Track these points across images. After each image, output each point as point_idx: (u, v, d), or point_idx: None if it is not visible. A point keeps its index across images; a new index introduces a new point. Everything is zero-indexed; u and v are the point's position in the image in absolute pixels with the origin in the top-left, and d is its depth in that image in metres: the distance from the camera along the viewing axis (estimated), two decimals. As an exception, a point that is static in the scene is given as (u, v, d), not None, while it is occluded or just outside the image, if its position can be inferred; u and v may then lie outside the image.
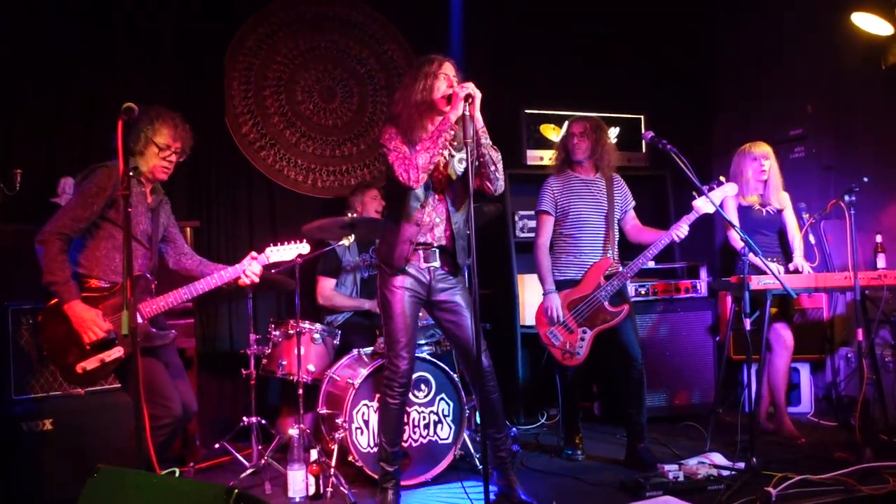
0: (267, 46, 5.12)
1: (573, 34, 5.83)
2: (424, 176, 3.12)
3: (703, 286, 5.11)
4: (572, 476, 3.84)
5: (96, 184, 3.03)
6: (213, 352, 4.81)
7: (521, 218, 5.29)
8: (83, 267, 3.08)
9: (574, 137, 4.08)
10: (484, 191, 3.30)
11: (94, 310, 2.98)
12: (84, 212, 3.01)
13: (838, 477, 3.42)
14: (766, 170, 4.35)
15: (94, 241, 3.09)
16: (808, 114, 5.39)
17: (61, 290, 2.94)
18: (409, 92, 3.22)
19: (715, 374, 4.95)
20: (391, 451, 3.35)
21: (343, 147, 5.34)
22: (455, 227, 3.31)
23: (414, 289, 3.29)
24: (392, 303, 3.28)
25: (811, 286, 4.02)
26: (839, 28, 4.91)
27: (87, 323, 2.95)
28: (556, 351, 4.02)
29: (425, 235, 3.28)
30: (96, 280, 3.07)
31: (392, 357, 3.31)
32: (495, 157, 3.23)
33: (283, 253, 3.51)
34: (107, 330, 2.98)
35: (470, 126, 2.96)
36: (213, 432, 4.45)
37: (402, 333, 3.28)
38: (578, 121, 4.15)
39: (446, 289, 3.34)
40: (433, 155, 3.10)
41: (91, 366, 2.98)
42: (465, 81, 3.09)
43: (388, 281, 3.30)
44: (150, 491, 2.07)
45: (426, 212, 3.27)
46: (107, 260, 3.08)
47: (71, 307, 2.94)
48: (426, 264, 3.30)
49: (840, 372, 5.00)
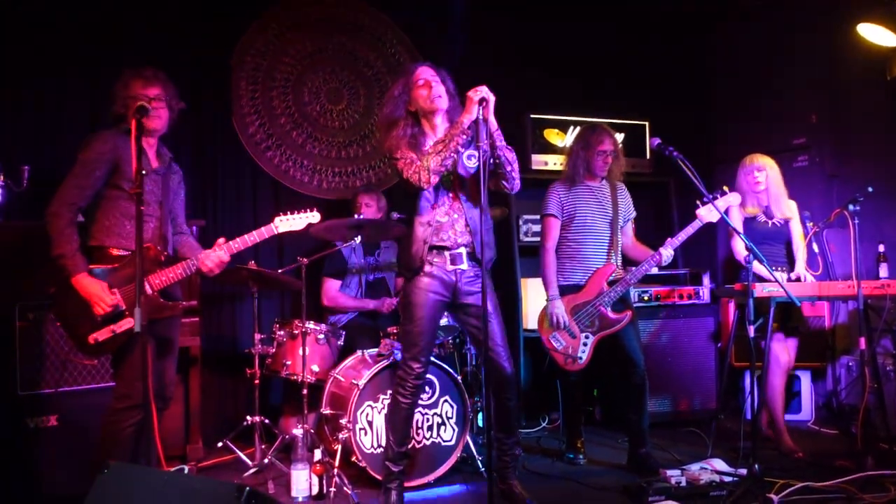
0: (274, 47, 5.14)
1: (578, 39, 5.86)
2: (436, 178, 3.19)
3: (705, 293, 5.13)
4: (574, 480, 3.85)
5: (94, 149, 3.04)
6: (217, 351, 4.81)
7: (526, 222, 5.30)
8: (96, 239, 3.08)
9: (603, 156, 4.04)
10: (500, 189, 3.36)
11: (99, 283, 2.99)
12: (87, 180, 3.03)
13: (840, 485, 3.45)
14: (760, 181, 4.34)
15: (102, 212, 3.10)
16: (812, 123, 5.41)
17: (68, 264, 2.96)
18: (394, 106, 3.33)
19: (717, 381, 4.97)
20: (399, 450, 3.36)
21: (349, 149, 5.36)
22: (472, 225, 3.32)
23: (438, 291, 3.30)
24: (414, 305, 3.29)
25: (814, 294, 4.03)
26: (844, 38, 4.92)
27: (94, 296, 2.96)
28: (559, 356, 4.03)
29: (445, 233, 3.30)
30: (114, 249, 3.07)
31: (408, 358, 3.32)
32: (511, 157, 3.28)
33: (293, 222, 3.42)
34: (114, 302, 2.99)
35: (484, 129, 3.04)
36: (217, 431, 4.45)
37: (421, 337, 3.29)
38: (607, 136, 4.06)
39: (474, 293, 3.32)
40: (445, 158, 3.14)
41: (103, 336, 2.99)
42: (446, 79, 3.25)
43: (413, 283, 3.31)
44: (161, 488, 2.07)
45: (439, 212, 3.30)
46: (117, 228, 3.08)
47: (77, 280, 2.96)
48: (453, 266, 3.31)
49: (841, 380, 5.02)
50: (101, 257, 3.08)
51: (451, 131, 3.17)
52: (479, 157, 2.98)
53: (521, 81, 5.64)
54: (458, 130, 3.13)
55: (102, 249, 3.08)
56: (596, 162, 4.05)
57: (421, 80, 3.29)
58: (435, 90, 3.27)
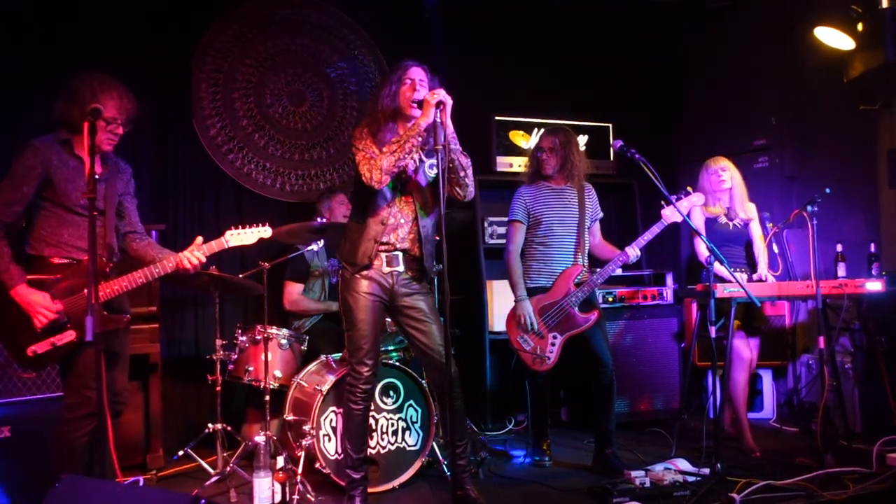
0: (236, 49, 5.07)
1: (543, 42, 5.87)
2: (388, 178, 3.14)
3: (669, 293, 5.17)
4: (540, 482, 3.84)
5: (23, 164, 2.95)
6: (178, 357, 4.74)
7: (491, 224, 5.30)
8: (34, 248, 3.00)
9: (543, 153, 4.09)
10: (454, 196, 3.32)
11: (40, 293, 2.91)
12: (14, 194, 2.93)
13: (800, 482, 3.50)
14: (724, 179, 4.39)
15: (39, 220, 3.01)
16: (772, 125, 5.49)
17: (4, 278, 2.88)
18: (379, 96, 3.30)
19: (680, 381, 5.01)
20: (357, 457, 3.33)
21: (312, 151, 5.30)
22: (423, 231, 3.31)
23: (376, 293, 3.29)
24: (354, 308, 3.27)
25: (774, 294, 4.08)
26: (803, 41, 5.00)
27: (35, 307, 2.88)
28: (527, 356, 4.03)
29: (388, 235, 3.28)
30: (54, 258, 2.99)
31: (354, 363, 3.29)
32: (465, 162, 3.25)
33: (244, 237, 3.25)
34: (57, 311, 2.91)
35: (441, 132, 3.00)
36: (178, 439, 4.37)
37: (364, 340, 3.27)
38: (548, 135, 4.15)
39: (409, 294, 3.34)
40: (399, 158, 3.11)
41: (42, 349, 2.91)
42: (436, 88, 3.14)
43: (350, 285, 3.29)
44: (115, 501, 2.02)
45: (392, 212, 3.28)
46: (53, 237, 3.00)
47: (17, 292, 2.88)
48: (389, 268, 3.29)
49: (801, 378, 5.09)
50: (42, 266, 2.99)
51: (406, 132, 3.13)
52: (438, 162, 2.96)
53: (485, 83, 5.64)
54: (413, 132, 3.10)
55: (42, 259, 3.00)
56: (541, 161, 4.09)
57: (408, 81, 3.25)
58: (417, 94, 3.21)
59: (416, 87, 3.22)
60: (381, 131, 3.24)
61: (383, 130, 3.24)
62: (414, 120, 3.16)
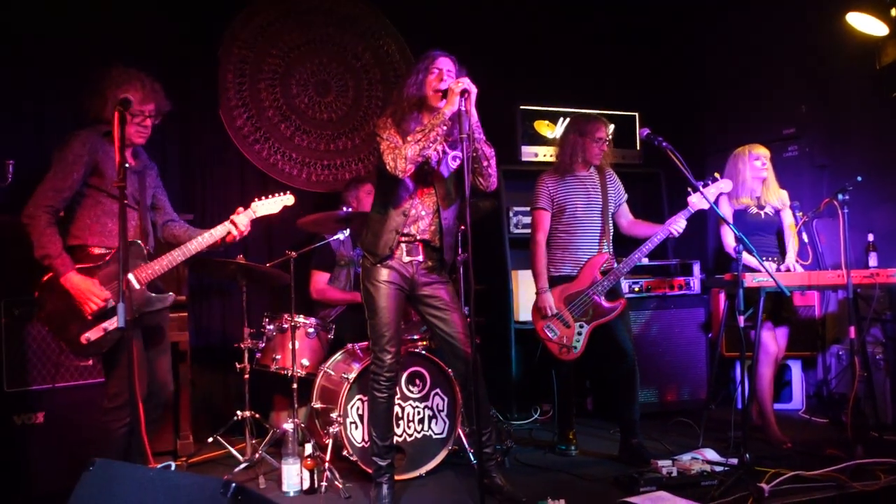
0: (262, 39, 5.09)
1: (568, 31, 5.83)
2: (412, 167, 3.13)
3: (696, 283, 5.13)
4: (565, 471, 3.84)
5: (72, 151, 2.99)
6: (206, 345, 4.79)
7: (516, 214, 5.29)
8: (77, 237, 3.05)
9: (599, 143, 4.01)
10: (477, 186, 3.31)
11: (90, 279, 2.96)
12: (64, 182, 2.98)
13: (830, 473, 3.45)
14: (765, 167, 4.30)
15: (82, 210, 3.06)
16: (802, 112, 5.40)
17: (56, 264, 2.92)
18: (404, 85, 3.29)
19: (707, 371, 4.97)
20: (382, 445, 3.35)
21: (338, 141, 5.32)
22: (444, 224, 3.31)
23: (397, 282, 3.29)
24: (376, 297, 3.28)
25: (804, 284, 4.03)
26: (833, 27, 4.92)
27: (85, 293, 2.93)
28: (554, 346, 4.02)
29: (410, 227, 3.28)
30: (95, 248, 3.04)
31: (377, 351, 3.30)
32: (489, 152, 3.25)
33: (269, 206, 3.46)
34: (105, 298, 2.95)
35: (466, 121, 2.99)
36: (207, 426, 4.43)
37: (386, 328, 3.28)
38: (600, 123, 4.04)
39: (429, 283, 3.34)
40: (423, 147, 3.10)
41: (95, 336, 2.96)
42: (462, 77, 3.13)
43: (371, 274, 3.30)
44: (146, 484, 2.05)
45: (413, 203, 3.28)
46: (98, 226, 3.05)
47: (68, 279, 2.92)
48: (408, 258, 3.30)
49: (831, 369, 5.03)
50: (83, 256, 3.04)
51: (431, 121, 3.11)
52: (462, 151, 2.96)
53: (511, 73, 5.62)
54: (438, 121, 3.09)
55: (84, 248, 3.05)
56: (591, 149, 4.02)
57: (435, 70, 3.23)
58: (443, 83, 3.18)
59: (444, 77, 3.20)
60: (406, 121, 3.23)
61: (408, 120, 3.23)
62: (439, 110, 3.14)
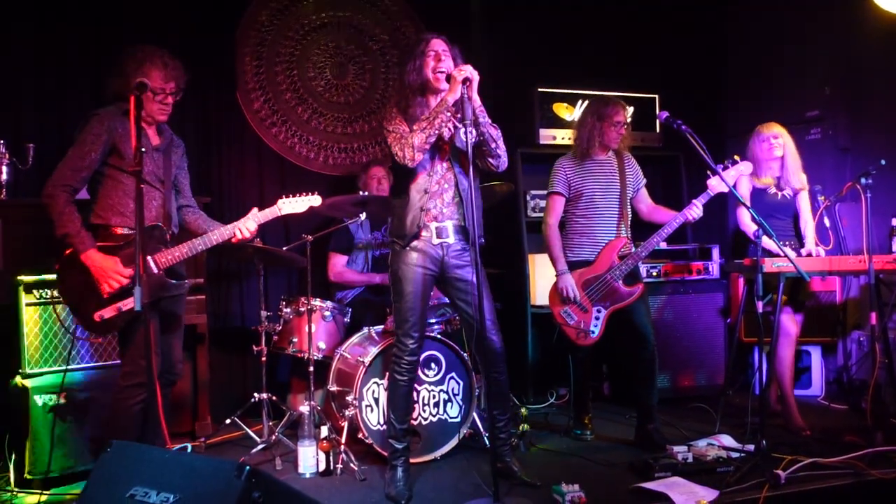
0: (279, 21, 5.08)
1: (587, 12, 5.76)
2: (420, 155, 3.17)
3: (714, 268, 5.08)
4: (581, 456, 3.84)
5: (90, 132, 3.01)
6: (224, 328, 4.83)
7: (533, 197, 5.26)
8: (100, 217, 3.07)
9: (617, 127, 3.98)
10: (488, 168, 3.35)
11: (112, 258, 2.98)
12: (82, 161, 3.00)
13: (848, 460, 3.42)
14: (775, 146, 4.24)
15: (104, 190, 3.08)
16: (825, 95, 5.31)
17: (76, 241, 2.95)
18: (404, 72, 3.34)
19: (725, 356, 4.94)
20: (400, 427, 3.36)
21: (355, 124, 5.31)
22: (464, 196, 3.30)
23: (426, 266, 3.29)
24: (403, 280, 3.29)
25: (825, 269, 3.97)
26: (858, 8, 4.82)
27: (107, 272, 2.96)
28: (571, 330, 4.01)
29: (433, 201, 3.28)
30: (118, 227, 3.06)
31: (400, 335, 3.32)
32: (495, 134, 3.28)
33: (295, 205, 3.52)
34: (129, 275, 2.98)
35: (469, 108, 3.07)
36: (225, 408, 4.47)
37: (411, 312, 3.29)
38: (619, 107, 4.01)
39: (460, 266, 3.34)
40: (429, 135, 3.15)
41: (109, 314, 2.99)
42: (457, 57, 3.23)
43: (399, 257, 3.31)
44: (162, 466, 2.08)
45: (432, 180, 3.29)
46: (121, 206, 3.07)
47: (88, 256, 2.95)
48: (438, 240, 3.30)
49: (852, 355, 4.98)
50: (106, 236, 3.06)
51: (435, 109, 3.18)
52: (466, 136, 3.02)
53: (528, 55, 5.57)
54: (441, 108, 3.15)
55: (107, 228, 3.07)
56: (609, 133, 3.99)
57: (432, 52, 3.27)
58: (442, 64, 3.24)
59: (441, 57, 3.26)
60: (412, 106, 3.29)
61: (413, 105, 3.29)
62: (442, 93, 3.19)
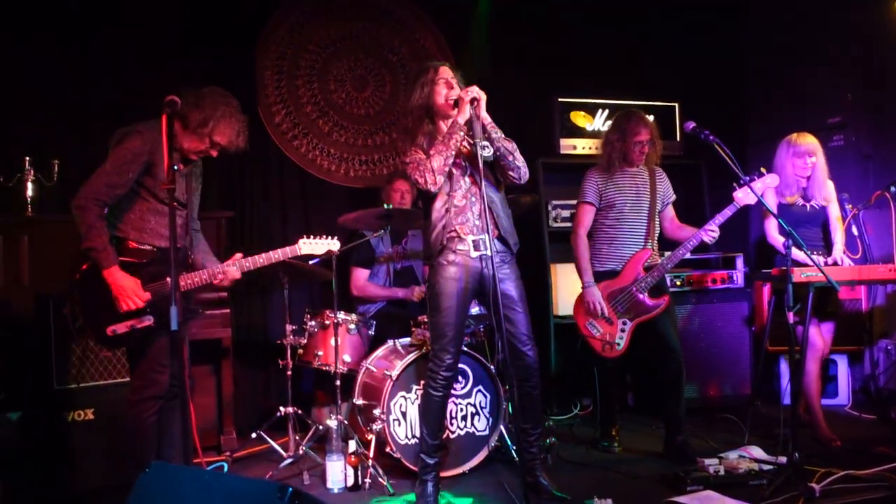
0: (299, 35, 5.10)
1: (606, 22, 5.75)
2: (441, 177, 3.22)
3: (739, 276, 5.04)
4: (610, 468, 3.82)
5: (131, 150, 2.99)
6: (248, 342, 4.83)
7: (555, 207, 5.24)
8: (118, 230, 3.06)
9: (640, 146, 3.96)
10: (510, 181, 3.37)
11: (132, 278, 2.98)
12: (120, 178, 2.98)
13: (882, 472, 3.38)
14: (808, 167, 4.14)
15: (129, 204, 3.07)
16: (848, 102, 5.28)
17: (100, 257, 2.94)
18: (410, 100, 3.40)
19: (751, 366, 4.89)
20: (432, 443, 3.34)
21: (375, 136, 5.32)
22: (494, 208, 3.30)
23: (463, 279, 3.28)
24: (441, 294, 3.27)
25: (854, 278, 3.93)
26: (881, 14, 4.79)
27: (127, 291, 2.95)
28: (596, 342, 3.98)
29: (462, 216, 3.29)
30: (134, 242, 3.06)
31: (437, 350, 3.30)
32: (510, 147, 3.31)
33: (315, 247, 3.55)
34: (145, 299, 2.98)
35: (478, 126, 3.16)
36: (250, 421, 4.47)
37: (450, 328, 3.27)
38: (641, 125, 3.96)
39: (501, 280, 3.29)
40: (447, 157, 3.21)
41: (122, 330, 2.99)
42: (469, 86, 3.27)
43: (438, 271, 3.30)
44: (203, 488, 2.06)
45: (457, 195, 3.30)
46: (141, 222, 3.07)
47: (111, 273, 2.95)
48: (477, 252, 3.29)
49: (879, 364, 4.93)
50: (122, 249, 3.04)
51: (448, 131, 3.25)
52: (479, 151, 3.10)
53: (547, 64, 5.57)
54: (454, 129, 3.22)
55: (124, 241, 3.06)
56: (633, 152, 3.97)
57: (441, 80, 3.33)
58: (453, 92, 3.30)
59: (452, 84, 3.32)
60: (423, 134, 3.34)
61: (424, 133, 3.34)
62: (452, 118, 3.26)
